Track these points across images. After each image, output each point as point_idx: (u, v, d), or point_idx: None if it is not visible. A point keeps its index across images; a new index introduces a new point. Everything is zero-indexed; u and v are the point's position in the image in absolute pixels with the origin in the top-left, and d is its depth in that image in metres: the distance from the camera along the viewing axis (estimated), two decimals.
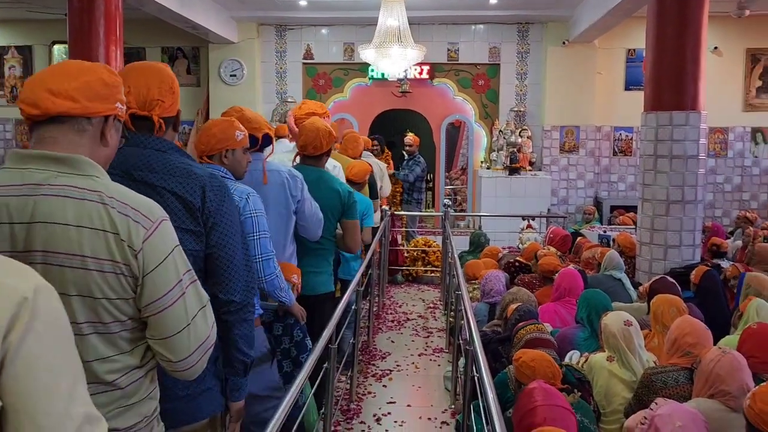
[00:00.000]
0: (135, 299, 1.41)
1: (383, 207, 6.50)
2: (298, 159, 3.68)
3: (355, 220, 3.57)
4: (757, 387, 2.17)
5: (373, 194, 5.44)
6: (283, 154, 4.05)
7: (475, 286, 5.05)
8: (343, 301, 3.40)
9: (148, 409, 1.50)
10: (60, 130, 1.41)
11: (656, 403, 2.40)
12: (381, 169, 6.22)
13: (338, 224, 3.57)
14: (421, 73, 9.78)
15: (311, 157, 3.54)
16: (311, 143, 3.48)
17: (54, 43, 10.16)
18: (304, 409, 2.82)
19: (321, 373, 3.08)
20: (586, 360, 3.28)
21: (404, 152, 8.76)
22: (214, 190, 1.84)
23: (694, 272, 4.43)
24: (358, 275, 4.06)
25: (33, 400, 0.87)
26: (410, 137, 8.66)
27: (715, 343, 3.05)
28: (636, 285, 4.82)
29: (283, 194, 3.05)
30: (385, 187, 6.37)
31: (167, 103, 1.86)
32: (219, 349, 1.85)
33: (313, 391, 3.04)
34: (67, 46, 5.48)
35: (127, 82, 1.80)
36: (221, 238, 1.84)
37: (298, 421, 2.64)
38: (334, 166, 4.13)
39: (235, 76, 9.83)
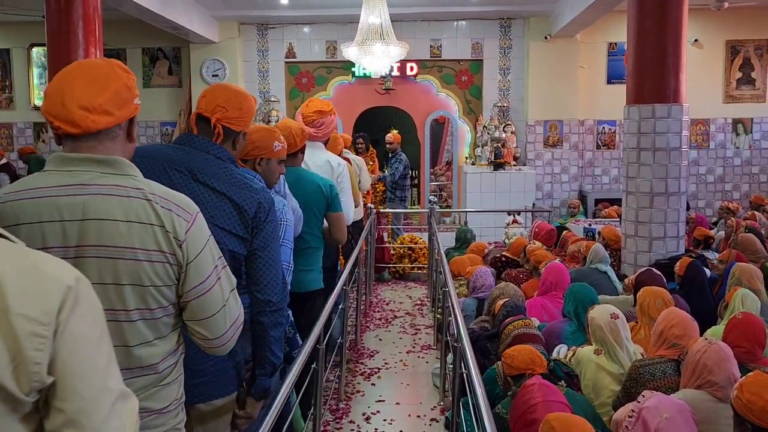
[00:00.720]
0: (177, 286, 1.55)
1: (368, 205, 6.48)
2: None
3: (339, 212, 3.58)
4: (744, 377, 2.19)
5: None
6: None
7: (461, 282, 5.06)
8: (330, 300, 3.39)
9: (177, 393, 1.62)
10: (97, 140, 1.51)
11: (643, 396, 2.41)
12: (358, 165, 6.21)
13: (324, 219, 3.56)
14: (398, 69, 9.66)
15: (287, 156, 3.54)
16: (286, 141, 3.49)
17: (32, 45, 10.04)
18: (293, 411, 2.80)
19: (309, 374, 3.06)
20: (574, 353, 3.29)
21: (387, 150, 8.74)
22: (267, 203, 2.01)
23: (678, 264, 4.44)
24: (345, 273, 4.05)
25: (77, 372, 0.99)
26: (391, 135, 8.60)
27: (701, 334, 3.07)
28: (621, 277, 4.84)
29: None
30: (364, 181, 6.36)
31: (230, 114, 2.04)
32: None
33: (300, 395, 3.02)
34: (45, 48, 5.41)
35: (208, 93, 2.09)
36: (264, 241, 1.98)
37: (288, 421, 2.63)
38: (339, 164, 4.13)
39: (217, 76, 9.75)
